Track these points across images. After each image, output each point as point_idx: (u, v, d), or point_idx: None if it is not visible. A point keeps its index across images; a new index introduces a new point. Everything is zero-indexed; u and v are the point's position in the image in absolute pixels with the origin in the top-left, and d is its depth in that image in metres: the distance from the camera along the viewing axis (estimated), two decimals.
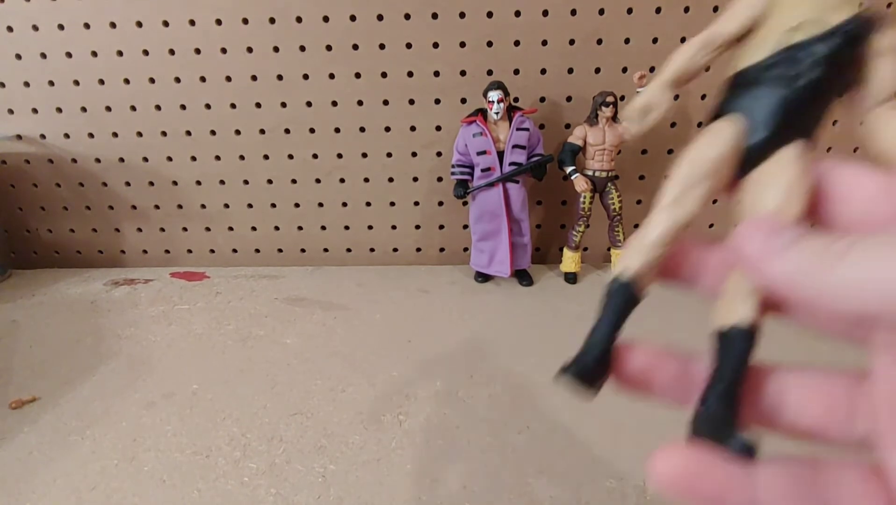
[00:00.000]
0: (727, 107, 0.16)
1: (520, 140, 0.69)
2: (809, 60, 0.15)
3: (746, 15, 0.16)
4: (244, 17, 0.70)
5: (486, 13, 0.69)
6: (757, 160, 0.16)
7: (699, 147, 0.16)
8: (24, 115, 0.76)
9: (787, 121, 0.15)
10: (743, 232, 0.14)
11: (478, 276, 0.77)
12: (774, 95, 0.15)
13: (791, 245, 0.13)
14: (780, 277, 0.13)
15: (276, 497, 0.41)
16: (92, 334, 0.64)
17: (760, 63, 0.16)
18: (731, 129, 0.16)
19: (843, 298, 0.12)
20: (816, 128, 0.16)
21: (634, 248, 0.16)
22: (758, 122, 0.15)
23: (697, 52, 0.17)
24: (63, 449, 0.46)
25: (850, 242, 0.12)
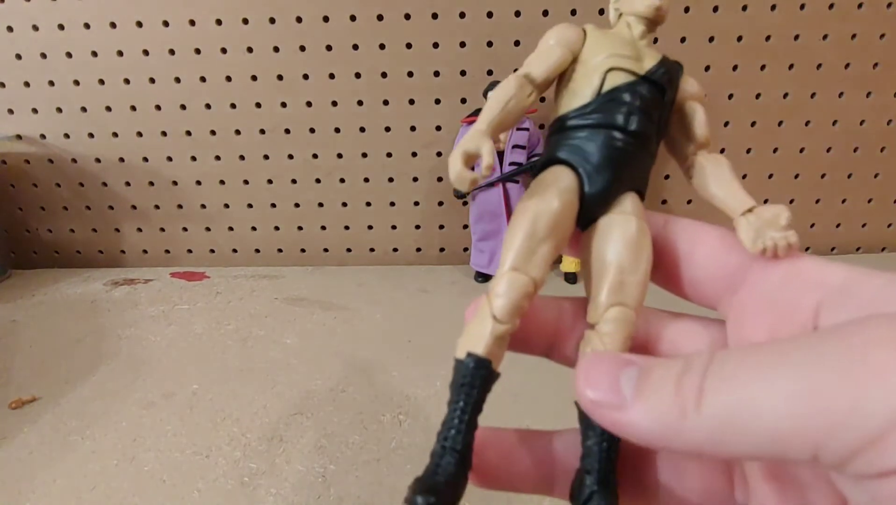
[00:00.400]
0: (557, 154, 0.15)
1: (520, 140, 0.69)
2: (630, 103, 0.15)
3: (555, 59, 0.16)
4: (244, 17, 0.70)
5: (486, 13, 0.69)
6: (595, 212, 0.15)
7: (540, 201, 0.15)
8: (24, 115, 0.76)
9: (620, 170, 0.15)
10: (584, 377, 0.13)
11: (478, 276, 0.77)
12: (603, 141, 0.15)
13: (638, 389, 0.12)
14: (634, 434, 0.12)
15: (276, 497, 0.41)
16: (92, 334, 0.64)
17: (582, 109, 0.15)
18: (567, 179, 0.15)
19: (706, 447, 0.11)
20: (646, 176, 0.16)
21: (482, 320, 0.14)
22: (593, 173, 0.15)
23: (510, 100, 0.16)
24: (63, 449, 0.46)
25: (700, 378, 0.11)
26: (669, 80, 0.15)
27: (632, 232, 0.15)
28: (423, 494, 0.13)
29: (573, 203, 0.15)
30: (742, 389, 0.10)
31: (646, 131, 0.15)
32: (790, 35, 0.70)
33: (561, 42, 0.16)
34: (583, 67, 0.16)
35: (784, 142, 0.76)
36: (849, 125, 0.75)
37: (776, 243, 0.14)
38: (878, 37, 0.70)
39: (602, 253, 0.15)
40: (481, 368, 0.14)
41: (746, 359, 0.11)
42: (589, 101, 0.15)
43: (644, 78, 0.15)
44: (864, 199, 0.80)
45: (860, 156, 0.77)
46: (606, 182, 0.15)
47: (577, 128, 0.15)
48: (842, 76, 0.72)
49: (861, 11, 0.69)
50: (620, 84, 0.15)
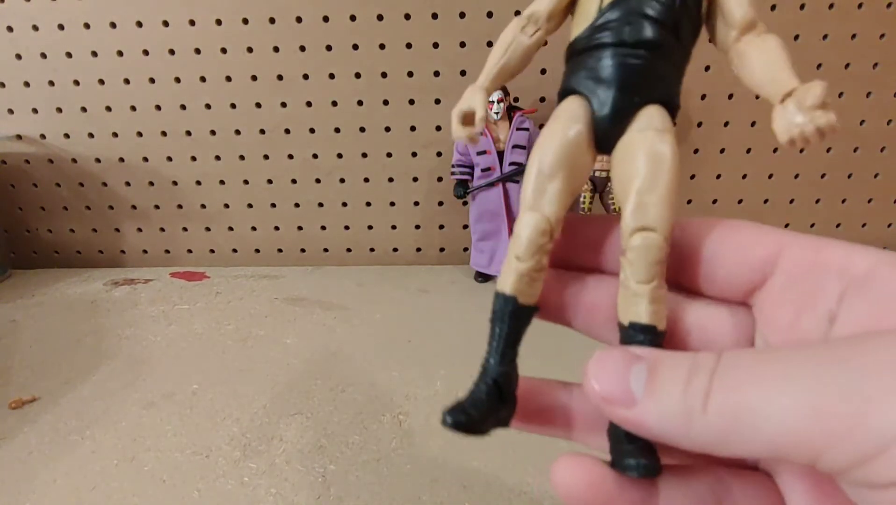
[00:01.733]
0: (567, 83, 0.15)
1: (520, 140, 0.69)
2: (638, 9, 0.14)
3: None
4: (244, 17, 0.70)
5: (486, 13, 0.69)
6: (613, 135, 0.14)
7: (546, 137, 0.14)
8: (24, 115, 0.76)
9: (631, 87, 0.14)
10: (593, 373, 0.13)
11: (478, 276, 0.77)
12: (611, 60, 0.14)
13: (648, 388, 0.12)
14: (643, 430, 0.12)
15: (276, 497, 0.41)
16: (92, 334, 0.64)
17: (588, 30, 0.14)
18: (576, 108, 0.14)
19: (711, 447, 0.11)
20: (670, 85, 0.14)
21: (509, 262, 0.15)
22: (601, 96, 0.14)
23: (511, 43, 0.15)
24: (63, 449, 0.46)
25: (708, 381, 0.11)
26: None
27: (648, 147, 0.14)
28: (454, 413, 0.14)
29: (583, 132, 0.14)
30: (747, 396, 0.11)
31: (657, 39, 0.14)
32: (790, 35, 0.70)
33: None
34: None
35: None
36: (849, 125, 0.75)
37: (802, 130, 0.13)
38: (878, 37, 0.70)
39: (621, 175, 0.14)
40: (508, 305, 0.14)
41: (753, 366, 0.11)
42: (592, 21, 0.14)
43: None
44: (864, 199, 0.80)
45: (860, 156, 0.77)
46: (615, 101, 0.14)
47: (584, 51, 0.14)
48: (842, 76, 0.72)
49: (861, 11, 0.69)
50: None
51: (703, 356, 0.12)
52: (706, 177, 0.78)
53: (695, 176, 0.78)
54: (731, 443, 0.11)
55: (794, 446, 0.10)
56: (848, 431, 0.10)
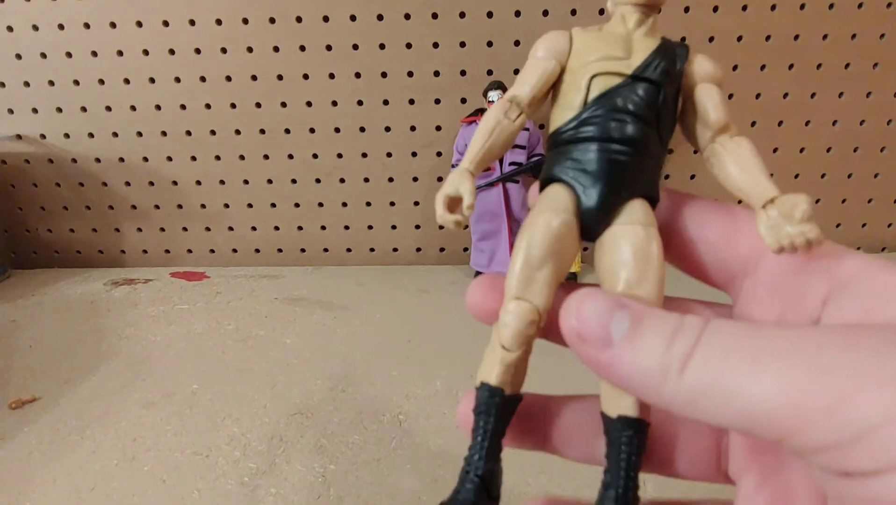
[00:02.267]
0: (552, 172, 0.15)
1: (520, 140, 0.69)
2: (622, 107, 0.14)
3: (541, 74, 0.15)
4: (244, 17, 0.70)
5: (486, 13, 0.69)
6: (598, 226, 0.15)
7: (533, 227, 0.14)
8: (24, 115, 0.76)
9: (617, 181, 0.14)
10: (574, 308, 0.13)
11: (478, 276, 0.77)
12: (596, 154, 0.14)
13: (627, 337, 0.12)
14: (611, 375, 0.12)
15: (276, 497, 0.41)
16: (92, 334, 0.64)
17: (572, 121, 0.14)
18: (562, 198, 0.15)
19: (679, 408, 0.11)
20: (652, 180, 0.15)
21: (493, 349, 0.14)
22: (587, 185, 0.14)
23: (495, 128, 0.15)
24: (63, 449, 0.46)
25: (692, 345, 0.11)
26: (666, 72, 0.14)
27: (637, 242, 0.14)
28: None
29: (569, 222, 0.14)
30: (727, 368, 0.11)
31: (641, 136, 0.14)
32: (790, 35, 0.70)
33: (547, 53, 0.15)
34: (570, 76, 0.15)
35: (784, 142, 0.76)
36: (849, 125, 0.75)
37: (792, 241, 0.13)
38: (878, 37, 0.70)
39: (608, 268, 0.14)
40: (494, 397, 0.14)
41: (739, 338, 0.11)
42: (577, 114, 0.14)
43: (633, 77, 0.14)
44: (864, 199, 0.80)
45: (860, 156, 0.77)
46: (602, 195, 0.14)
47: (568, 142, 0.15)
48: (842, 76, 0.72)
49: (861, 11, 0.69)
50: (607, 89, 0.14)
51: (690, 319, 0.12)
52: (706, 176, 0.78)
53: (694, 176, 0.78)
54: (699, 409, 0.11)
55: (764, 422, 0.10)
56: (825, 414, 0.10)
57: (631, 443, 0.13)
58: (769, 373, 0.10)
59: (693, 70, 0.15)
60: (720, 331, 0.11)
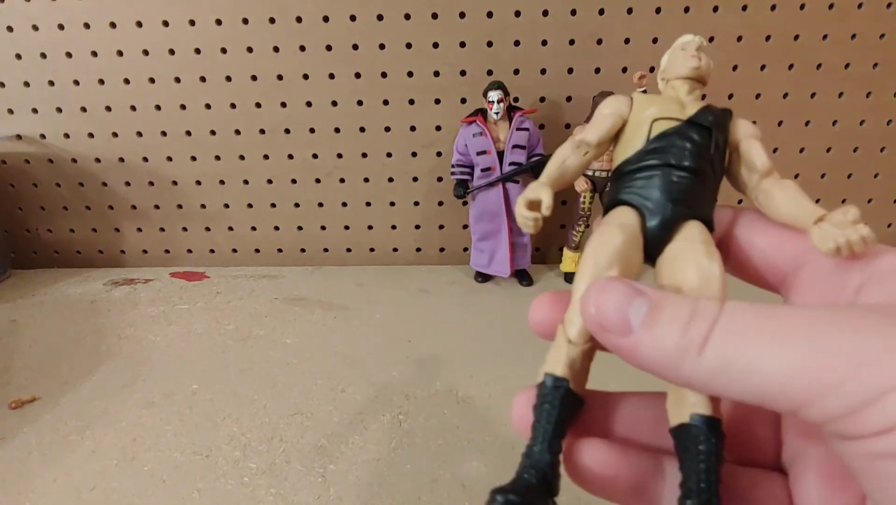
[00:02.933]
0: (618, 197, 0.17)
1: (520, 140, 0.69)
2: (680, 144, 0.16)
3: (607, 124, 0.17)
4: (244, 17, 0.70)
5: (486, 13, 0.69)
6: (661, 242, 0.16)
7: (602, 236, 0.16)
8: (24, 115, 0.76)
9: (678, 201, 0.16)
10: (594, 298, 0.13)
11: (478, 276, 0.77)
12: (660, 179, 0.16)
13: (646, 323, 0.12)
14: (633, 359, 0.13)
15: (276, 497, 0.41)
16: (92, 334, 0.64)
17: (637, 154, 0.16)
18: (628, 216, 0.16)
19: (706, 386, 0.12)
20: (708, 207, 0.16)
21: (558, 345, 0.15)
22: (652, 207, 0.16)
23: (568, 157, 0.18)
24: (63, 449, 0.46)
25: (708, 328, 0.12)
26: (715, 122, 0.16)
27: (698, 258, 0.15)
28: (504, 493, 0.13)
29: (636, 237, 0.16)
30: (743, 348, 0.11)
31: (699, 167, 0.16)
32: (790, 35, 0.70)
33: (613, 111, 0.17)
34: (632, 124, 0.17)
35: (784, 142, 0.76)
36: (849, 125, 0.75)
37: (848, 239, 0.14)
38: (878, 37, 0.70)
39: (671, 280, 0.15)
40: (559, 388, 0.14)
41: (754, 320, 0.12)
42: (641, 148, 0.16)
43: (689, 122, 0.16)
44: (864, 199, 0.80)
45: (860, 156, 0.77)
46: (666, 212, 0.16)
47: (632, 172, 0.16)
48: (842, 76, 0.72)
49: (861, 11, 0.69)
50: (667, 129, 0.16)
51: (706, 303, 0.12)
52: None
53: None
54: (717, 386, 0.12)
55: (779, 396, 0.11)
56: (834, 387, 0.10)
57: (709, 442, 0.13)
58: (782, 351, 0.11)
59: (737, 128, 0.17)
60: (735, 313, 0.12)
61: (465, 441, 0.46)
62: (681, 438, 0.14)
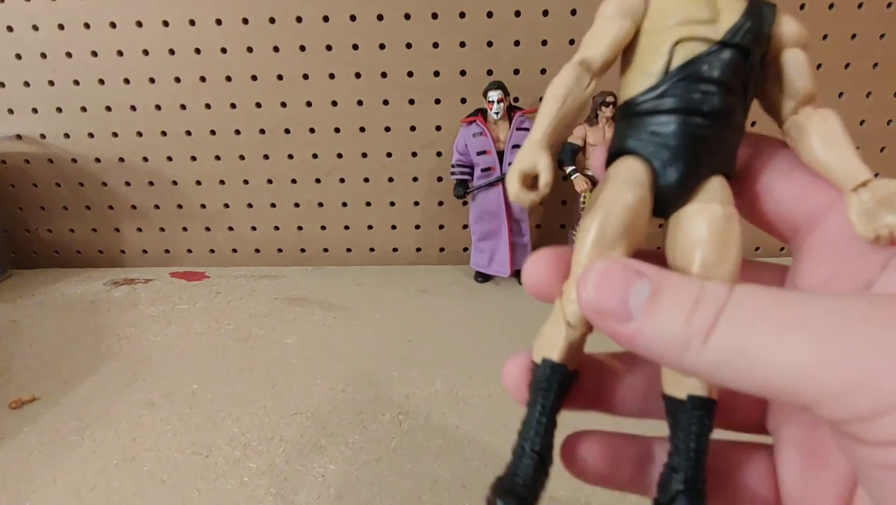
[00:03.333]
0: (626, 144, 0.14)
1: (520, 140, 0.69)
2: (706, 82, 0.13)
3: (614, 33, 0.14)
4: (244, 17, 0.70)
5: (486, 13, 0.69)
6: (673, 203, 0.14)
7: (607, 198, 0.13)
8: (24, 115, 0.76)
9: (699, 157, 0.13)
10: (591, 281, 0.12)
11: (478, 276, 0.77)
12: (677, 127, 0.13)
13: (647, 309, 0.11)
14: (632, 346, 0.12)
15: (276, 497, 0.41)
16: (92, 334, 0.64)
17: (652, 90, 0.13)
18: (637, 170, 0.14)
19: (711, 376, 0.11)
20: (731, 156, 0.14)
21: (556, 324, 0.14)
22: (666, 161, 0.13)
23: (566, 96, 0.14)
24: (63, 449, 0.46)
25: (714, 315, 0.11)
26: (756, 37, 0.13)
27: (717, 222, 0.13)
28: (503, 496, 0.13)
29: (645, 198, 0.13)
30: (751, 338, 0.10)
31: (727, 106, 0.13)
32: None
33: (619, 11, 0.14)
34: (647, 39, 0.13)
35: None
36: (849, 125, 0.74)
37: (892, 231, 0.12)
38: (878, 37, 0.70)
39: (683, 248, 0.13)
40: (557, 373, 0.14)
41: (766, 306, 0.11)
42: (657, 82, 0.13)
43: (722, 43, 0.13)
44: None
45: (860, 156, 0.77)
46: (682, 173, 0.13)
47: (645, 113, 0.13)
48: (842, 76, 0.72)
49: (861, 11, 0.69)
50: (693, 57, 0.13)
51: (713, 287, 0.11)
52: None
53: None
54: (722, 377, 0.11)
55: (789, 393, 0.10)
56: (850, 390, 0.10)
57: (701, 423, 0.13)
58: (794, 344, 0.10)
59: (781, 32, 0.13)
60: (744, 300, 0.11)
61: (465, 441, 0.46)
62: (674, 413, 0.14)
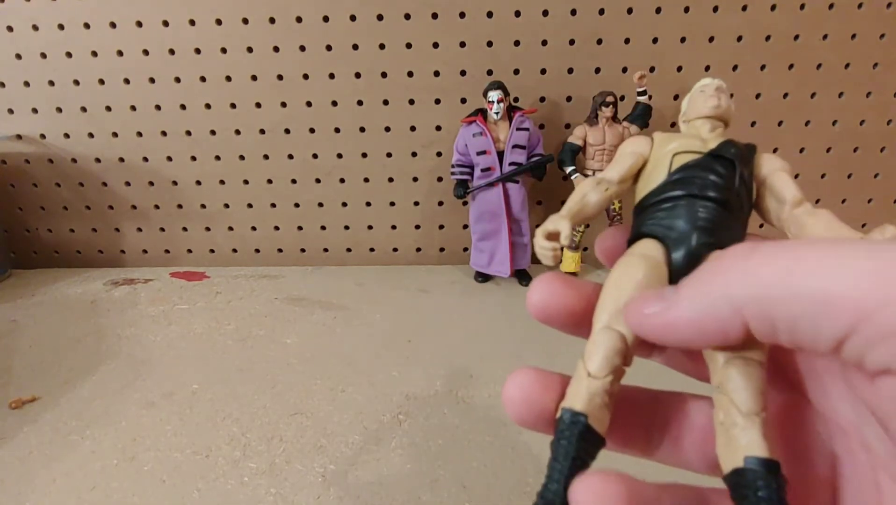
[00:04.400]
0: (641, 229, 0.16)
1: (520, 140, 0.69)
2: (703, 175, 0.15)
3: (628, 162, 0.17)
4: (244, 17, 0.70)
5: (486, 13, 0.69)
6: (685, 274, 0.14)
7: (624, 267, 0.15)
8: (24, 115, 0.76)
9: (704, 229, 0.15)
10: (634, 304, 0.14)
11: (478, 276, 0.77)
12: (684, 209, 0.15)
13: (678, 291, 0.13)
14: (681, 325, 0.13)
15: (276, 497, 0.41)
16: (92, 334, 0.64)
17: (661, 185, 0.16)
18: (651, 247, 0.15)
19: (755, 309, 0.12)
20: (736, 237, 0.15)
21: (578, 379, 0.14)
22: (676, 237, 0.15)
23: (588, 192, 0.17)
24: (63, 449, 0.46)
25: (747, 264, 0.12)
26: (738, 155, 0.16)
27: None
28: None
29: (659, 269, 0.15)
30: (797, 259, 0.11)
31: (724, 197, 0.15)
32: (790, 35, 0.70)
33: (633, 150, 0.17)
34: (654, 160, 0.17)
35: (784, 142, 0.76)
36: (849, 125, 0.75)
37: None
38: (878, 37, 0.70)
39: None
40: (577, 423, 0.14)
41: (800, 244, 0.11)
42: (663, 181, 0.16)
43: (711, 154, 0.16)
44: (864, 199, 0.80)
45: (860, 156, 0.77)
46: (691, 242, 0.15)
47: (654, 204, 0.16)
48: (842, 76, 0.73)
49: (861, 11, 0.69)
50: (689, 162, 0.16)
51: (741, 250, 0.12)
52: None
53: None
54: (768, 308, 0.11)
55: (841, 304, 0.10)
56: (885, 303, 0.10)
57: (768, 488, 0.12)
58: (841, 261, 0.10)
59: (762, 163, 0.17)
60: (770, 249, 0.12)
61: (465, 441, 0.46)
62: (736, 486, 0.12)
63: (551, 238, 0.17)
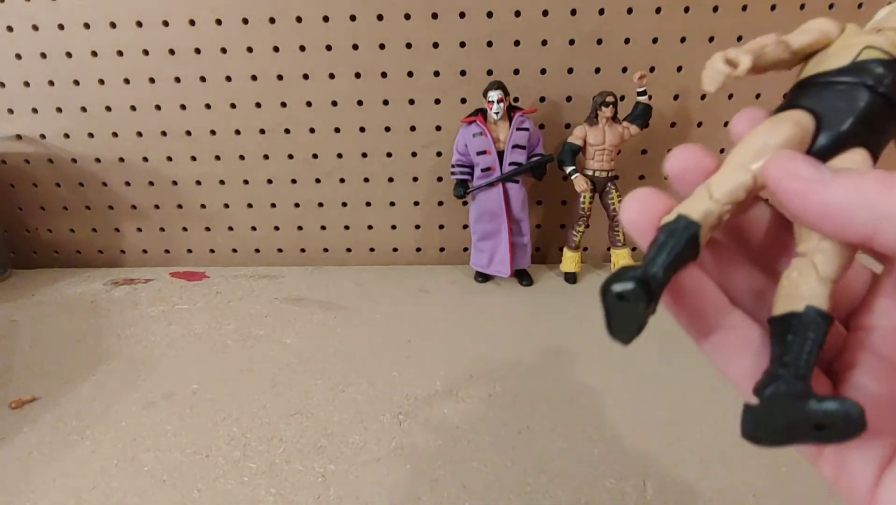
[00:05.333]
0: (799, 102, 0.16)
1: (520, 140, 0.69)
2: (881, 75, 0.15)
3: (812, 37, 0.17)
4: (244, 17, 0.70)
5: (486, 13, 0.69)
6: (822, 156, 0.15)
7: (777, 125, 0.15)
8: (24, 115, 0.76)
9: (859, 126, 0.15)
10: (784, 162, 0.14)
11: (478, 276, 0.77)
12: (851, 94, 0.15)
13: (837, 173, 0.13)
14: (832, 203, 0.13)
15: (276, 497, 0.41)
16: (92, 334, 0.64)
17: (841, 68, 0.16)
18: (804, 118, 0.15)
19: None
20: (882, 140, 0.16)
21: (698, 197, 0.15)
22: (830, 120, 0.15)
23: (768, 45, 0.17)
24: (63, 449, 0.46)
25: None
26: None
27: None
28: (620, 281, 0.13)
29: (805, 141, 0.15)
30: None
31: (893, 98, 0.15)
32: None
33: (824, 30, 0.17)
34: (840, 44, 0.16)
35: None
36: None
37: None
38: None
39: None
40: (689, 228, 0.14)
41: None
42: (845, 65, 0.15)
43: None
44: None
45: None
46: (841, 129, 0.15)
47: (822, 84, 0.16)
48: None
49: (861, 11, 0.69)
50: (876, 57, 0.15)
51: None
52: None
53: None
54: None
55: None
56: None
57: (819, 331, 0.13)
58: None
59: None
60: None
61: (465, 441, 0.47)
62: (786, 325, 0.14)
63: (730, 64, 0.16)
